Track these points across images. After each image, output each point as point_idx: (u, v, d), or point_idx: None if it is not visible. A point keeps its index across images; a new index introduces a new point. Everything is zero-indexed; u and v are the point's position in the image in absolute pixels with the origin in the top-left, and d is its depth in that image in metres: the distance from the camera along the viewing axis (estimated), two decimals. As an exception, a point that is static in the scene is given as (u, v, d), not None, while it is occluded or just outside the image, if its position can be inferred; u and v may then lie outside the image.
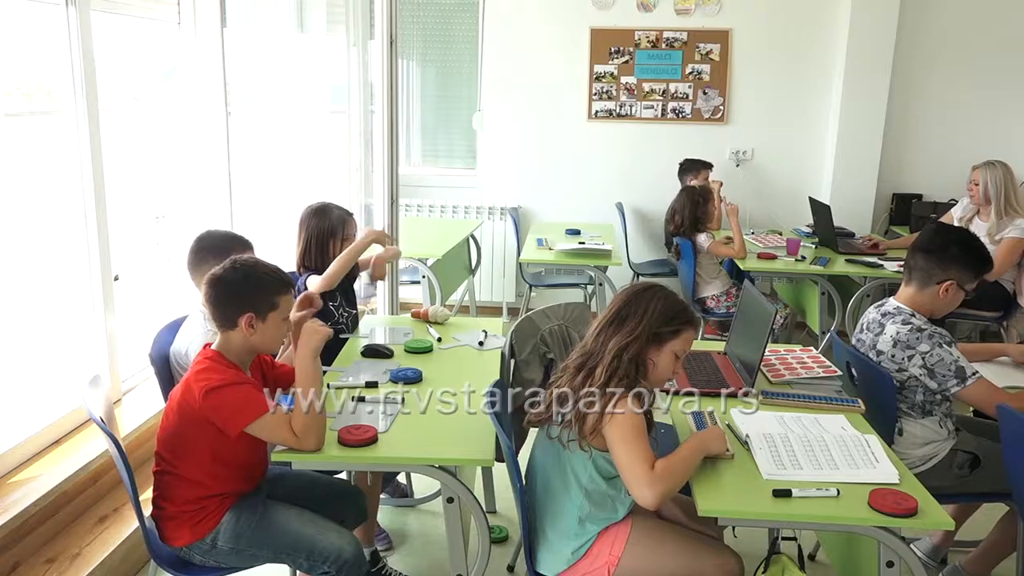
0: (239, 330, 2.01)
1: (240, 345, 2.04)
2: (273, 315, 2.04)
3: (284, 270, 2.13)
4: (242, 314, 2.00)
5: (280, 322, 2.06)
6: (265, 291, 2.03)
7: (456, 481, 2.02)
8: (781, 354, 2.78)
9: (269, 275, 2.07)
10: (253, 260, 2.11)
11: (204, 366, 1.99)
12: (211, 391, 1.94)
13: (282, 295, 2.06)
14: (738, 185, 5.45)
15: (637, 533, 1.98)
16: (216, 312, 2.04)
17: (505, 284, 5.75)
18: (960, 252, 2.48)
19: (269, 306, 2.03)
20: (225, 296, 2.03)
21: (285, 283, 2.08)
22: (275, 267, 2.10)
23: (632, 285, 2.07)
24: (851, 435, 2.10)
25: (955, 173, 5.01)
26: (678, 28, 5.38)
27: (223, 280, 2.03)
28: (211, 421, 1.96)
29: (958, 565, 2.63)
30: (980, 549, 2.63)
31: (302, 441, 1.96)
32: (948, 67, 5.28)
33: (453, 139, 6.01)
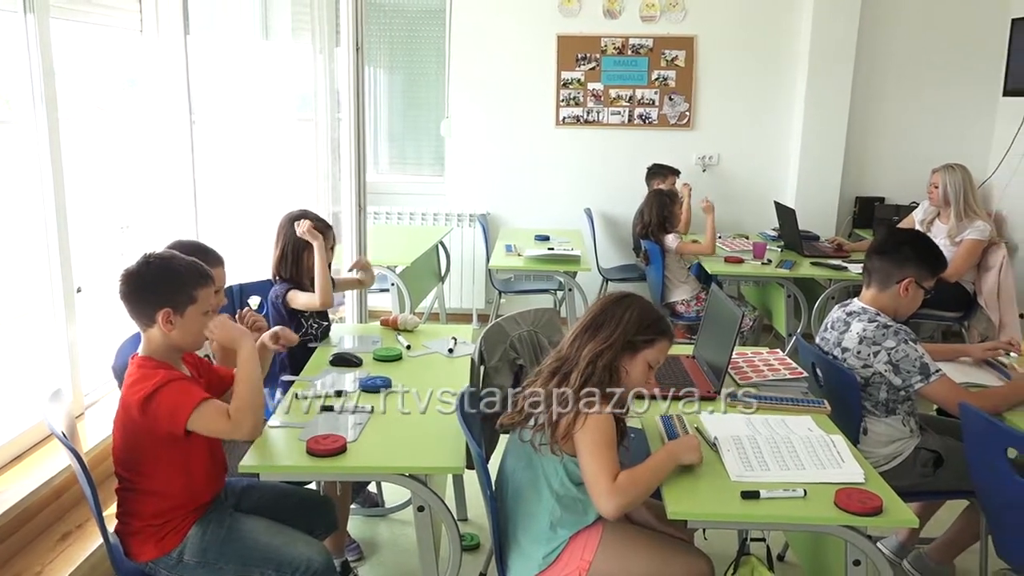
0: (157, 327, 1.96)
1: (162, 344, 1.98)
2: (192, 309, 1.98)
3: (202, 262, 2.06)
4: (158, 310, 1.94)
5: (200, 316, 2.00)
6: (181, 285, 1.97)
7: (426, 489, 2.01)
8: (748, 356, 2.80)
9: (185, 268, 2.00)
10: (169, 253, 2.05)
11: (135, 377, 1.95)
12: (146, 399, 1.89)
13: (201, 288, 2.00)
14: (705, 190, 5.49)
15: (608, 537, 1.98)
16: (132, 310, 1.97)
17: (475, 291, 5.75)
18: (913, 251, 2.55)
19: (187, 300, 1.97)
20: (140, 292, 1.96)
21: (203, 275, 2.02)
22: (192, 260, 2.04)
23: (609, 293, 2.11)
24: (817, 435, 2.12)
25: (916, 176, 5.11)
26: (644, 35, 5.42)
27: (137, 276, 1.97)
28: (157, 430, 1.91)
29: (922, 552, 2.67)
30: (943, 538, 2.68)
31: (236, 424, 1.91)
32: (907, 74, 5.38)
33: (421, 146, 6.00)
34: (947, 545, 2.65)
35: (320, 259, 2.85)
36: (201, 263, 2.06)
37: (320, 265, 2.85)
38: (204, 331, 2.04)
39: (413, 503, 2.05)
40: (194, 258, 2.06)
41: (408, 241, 4.86)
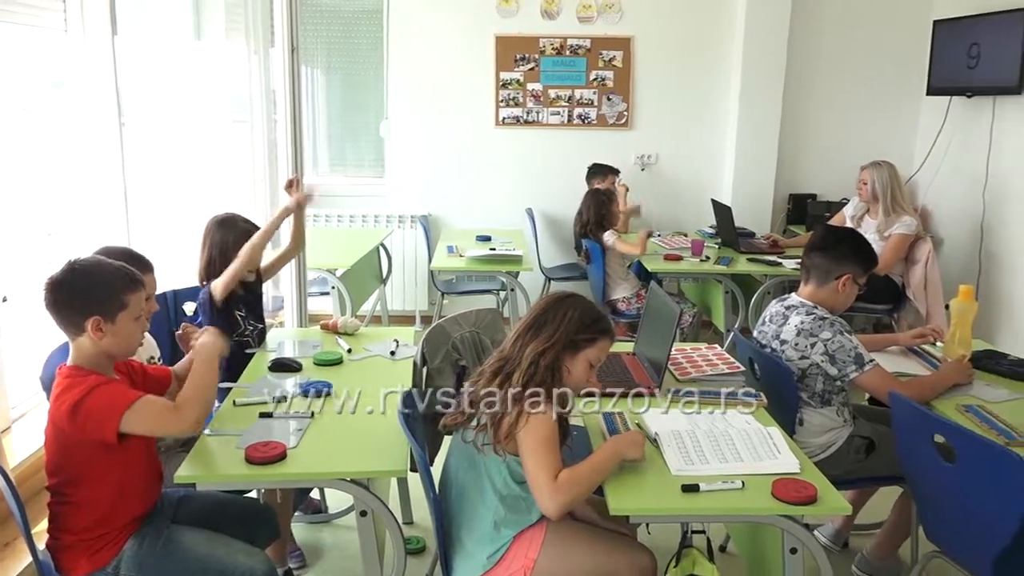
0: (87, 336, 1.90)
1: (92, 352, 1.92)
2: (123, 315, 1.92)
3: (131, 267, 2.01)
4: (88, 318, 1.89)
5: (132, 322, 1.95)
6: (110, 290, 1.92)
7: (368, 494, 1.99)
8: (688, 352, 2.85)
9: (114, 273, 1.95)
10: (94, 259, 2.00)
11: (61, 387, 1.88)
12: (74, 408, 1.83)
13: (131, 293, 1.94)
14: (644, 189, 5.58)
15: (552, 535, 1.99)
16: (59, 319, 1.91)
17: (417, 292, 5.72)
18: (850, 248, 2.64)
19: (118, 306, 1.92)
20: (66, 301, 1.90)
21: (132, 280, 1.97)
22: (120, 264, 1.98)
23: (551, 293, 2.12)
24: (755, 428, 2.17)
25: (846, 173, 5.25)
26: (581, 35, 5.46)
27: (62, 284, 1.90)
28: (87, 438, 1.85)
29: (864, 554, 2.75)
30: (881, 534, 2.75)
31: (181, 413, 1.88)
32: (836, 74, 5.53)
33: (361, 148, 5.95)
34: (886, 540, 2.73)
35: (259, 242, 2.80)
36: (129, 267, 2.00)
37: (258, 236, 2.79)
38: (137, 337, 1.99)
39: (356, 508, 2.03)
40: (122, 263, 2.01)
41: (348, 244, 4.81)
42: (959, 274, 4.90)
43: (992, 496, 1.93)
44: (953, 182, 5.14)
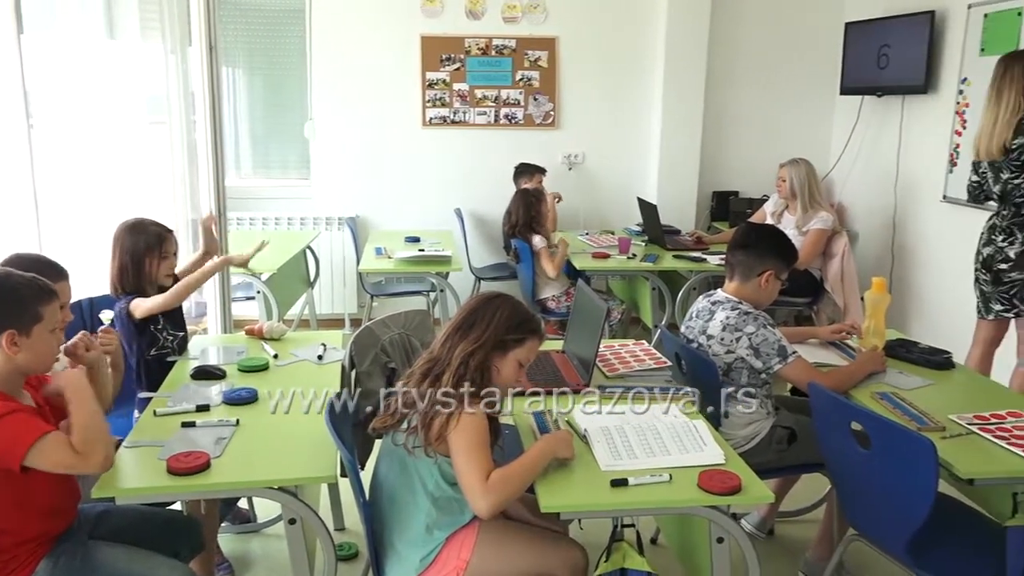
0: (1, 351, 1.82)
1: (4, 368, 1.84)
2: (38, 328, 1.85)
3: (43, 278, 1.93)
4: (0, 332, 1.81)
5: (48, 335, 1.87)
6: (23, 303, 1.84)
7: (297, 501, 1.96)
8: (616, 349, 2.89)
9: (26, 285, 1.87)
10: (4, 270, 1.91)
11: None
12: None
13: (45, 304, 1.87)
14: (571, 188, 5.63)
15: (484, 535, 1.99)
16: None
17: (346, 295, 5.65)
18: (771, 244, 2.71)
19: (32, 319, 1.84)
20: None
21: (45, 291, 1.89)
22: (31, 275, 1.90)
23: (480, 293, 2.13)
24: (681, 421, 2.21)
25: (766, 171, 5.40)
26: (506, 36, 5.48)
27: None
28: None
29: (807, 557, 2.82)
30: (818, 536, 2.82)
31: (86, 458, 1.78)
32: (755, 74, 5.68)
33: (286, 149, 5.84)
34: (823, 539, 2.80)
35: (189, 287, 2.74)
36: (41, 278, 1.92)
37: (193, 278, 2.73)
38: (54, 350, 1.91)
39: (284, 516, 2.00)
40: (33, 273, 1.92)
41: (274, 247, 4.67)
42: (873, 267, 5.10)
43: (905, 480, 2.01)
44: (866, 178, 5.34)
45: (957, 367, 2.77)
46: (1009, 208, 3.43)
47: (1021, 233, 3.39)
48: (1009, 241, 3.42)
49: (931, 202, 4.67)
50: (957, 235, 4.35)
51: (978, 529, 2.29)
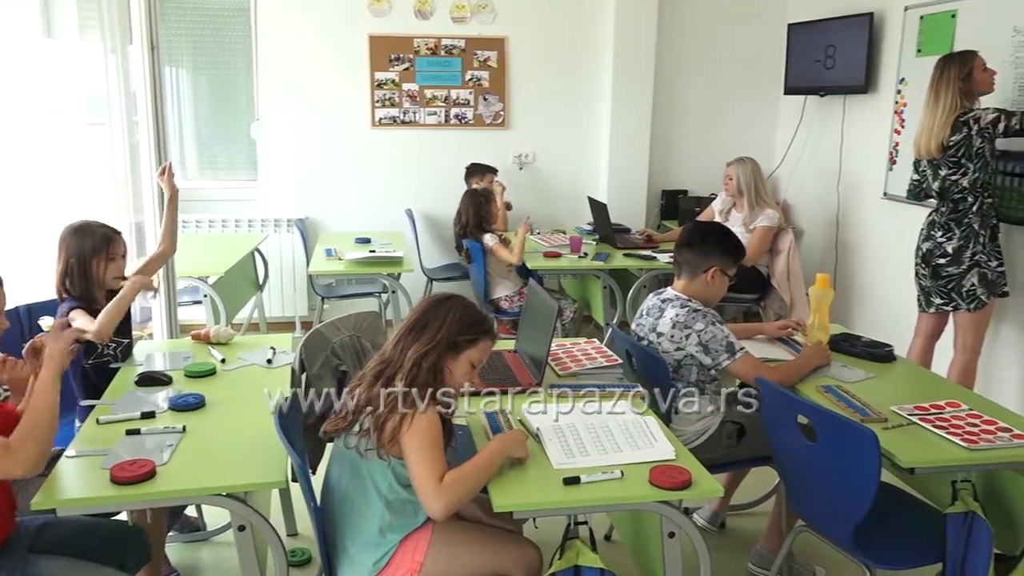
0: None
1: None
2: None
3: None
4: None
5: None
6: None
7: (246, 508, 1.93)
8: (567, 347, 2.90)
9: None
10: None
11: None
12: None
13: None
14: (522, 187, 5.64)
15: (438, 536, 1.99)
16: None
17: (296, 298, 5.58)
18: (716, 242, 2.75)
19: None
20: None
21: None
22: None
23: (432, 295, 2.13)
24: (632, 419, 2.23)
25: (713, 169, 5.47)
26: (455, 36, 5.47)
27: None
28: None
29: (757, 548, 2.87)
30: (767, 527, 2.88)
31: (13, 454, 1.72)
32: (702, 75, 5.76)
33: (233, 150, 5.74)
34: (773, 531, 2.85)
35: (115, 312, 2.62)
36: None
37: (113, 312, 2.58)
38: None
39: (233, 523, 1.96)
40: None
41: (221, 250, 4.64)
42: (818, 263, 5.21)
43: (850, 470, 2.05)
44: (811, 176, 5.45)
45: (899, 359, 2.85)
46: (947, 204, 3.54)
47: (959, 229, 3.49)
48: (947, 237, 3.52)
49: (872, 199, 4.79)
50: (897, 231, 4.47)
51: (919, 516, 2.35)
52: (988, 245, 3.48)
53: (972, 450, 2.09)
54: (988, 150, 3.43)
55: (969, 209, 3.47)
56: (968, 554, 2.12)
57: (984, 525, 2.11)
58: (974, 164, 3.43)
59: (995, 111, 3.39)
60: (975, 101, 3.50)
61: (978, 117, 3.40)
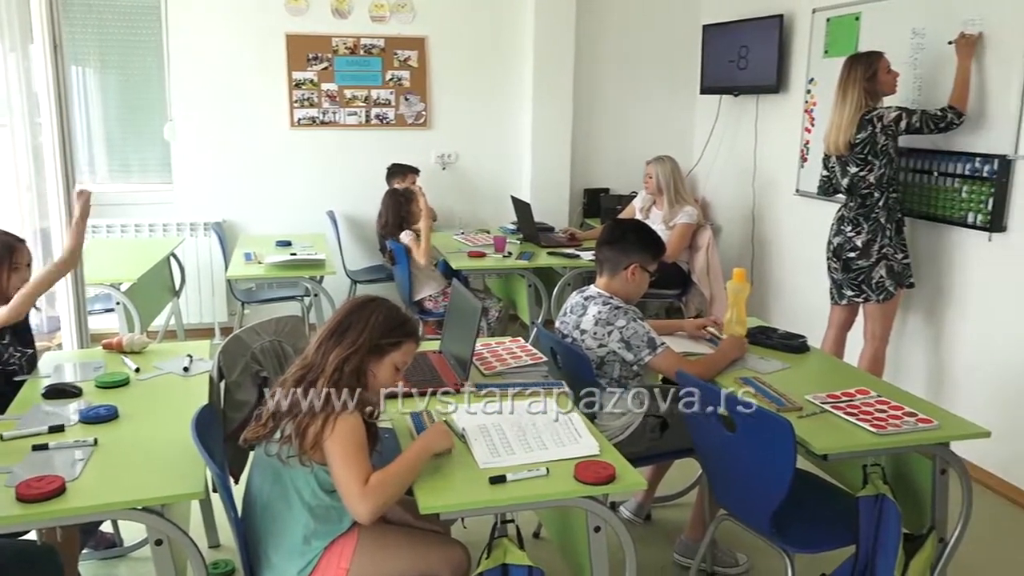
0: None
1: None
2: None
3: None
4: None
5: None
6: None
7: (163, 521, 1.86)
8: (492, 347, 2.90)
9: None
10: None
11: None
12: None
13: None
14: (445, 188, 5.63)
15: (364, 541, 1.97)
16: None
17: (215, 303, 5.43)
18: (635, 239, 2.80)
19: None
20: None
21: None
22: None
23: (355, 298, 2.10)
24: (557, 416, 2.25)
25: (634, 168, 5.57)
26: (375, 35, 5.42)
27: None
28: None
29: (682, 538, 2.93)
30: (691, 518, 2.95)
31: None
32: (621, 74, 5.85)
33: (145, 152, 5.55)
34: (696, 521, 2.91)
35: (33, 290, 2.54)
36: None
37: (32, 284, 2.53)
38: None
39: (149, 538, 1.90)
40: None
41: (134, 255, 4.48)
42: (736, 258, 5.35)
43: (767, 459, 2.12)
44: (727, 174, 5.60)
45: (812, 350, 2.95)
46: (855, 199, 3.68)
47: (867, 223, 3.64)
48: (856, 231, 3.66)
49: (785, 196, 4.94)
50: (809, 226, 4.63)
51: (833, 501, 2.44)
52: (894, 238, 3.64)
53: (881, 435, 2.18)
54: (892, 147, 3.58)
55: (876, 204, 3.62)
56: (879, 535, 2.21)
57: (893, 506, 2.20)
58: (879, 161, 3.57)
59: (897, 109, 3.55)
60: (879, 100, 3.65)
61: (881, 115, 3.54)
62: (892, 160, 3.59)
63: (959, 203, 3.60)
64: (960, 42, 3.52)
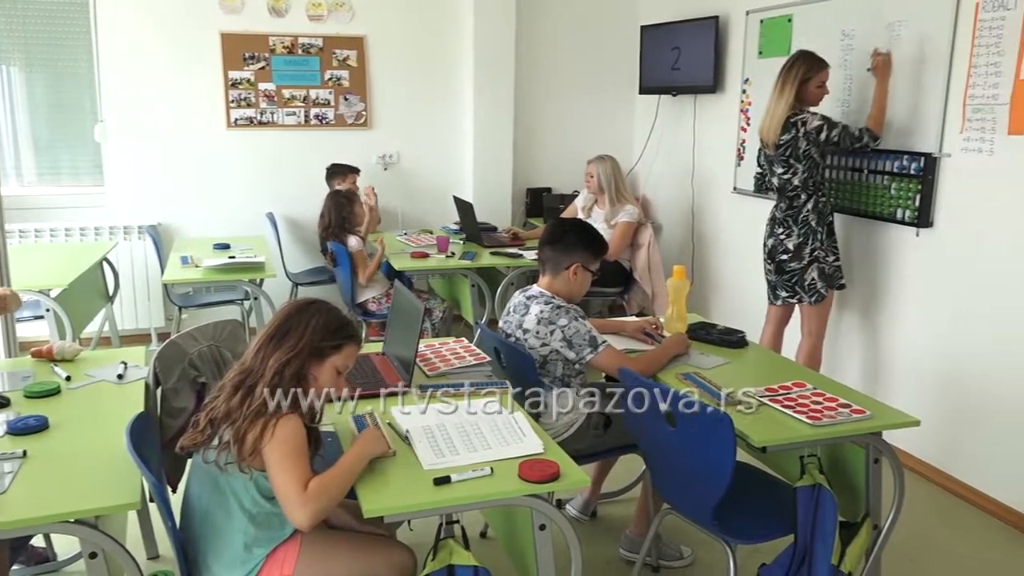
0: None
1: None
2: None
3: None
4: None
5: None
6: None
7: (97, 533, 1.81)
8: (436, 347, 2.89)
9: None
10: None
11: None
12: None
13: None
14: (387, 188, 5.58)
15: (307, 547, 1.94)
16: None
17: (152, 309, 5.30)
18: (577, 239, 2.81)
19: None
20: None
21: None
22: None
23: (294, 301, 2.07)
24: (500, 415, 2.25)
25: (575, 167, 5.61)
26: (313, 34, 5.35)
27: None
28: None
29: (627, 533, 2.95)
30: (636, 513, 2.98)
31: None
32: (562, 75, 5.88)
33: (76, 154, 5.38)
34: (641, 516, 2.94)
35: None
36: None
37: None
38: None
39: (83, 551, 1.84)
40: None
41: (65, 260, 4.34)
42: (677, 255, 5.43)
43: (708, 453, 2.15)
44: (667, 172, 5.67)
45: (751, 345, 3.01)
46: (784, 200, 3.75)
47: (796, 227, 3.70)
48: (787, 234, 3.73)
49: (723, 193, 5.04)
50: (746, 223, 4.73)
51: (773, 492, 2.50)
52: (826, 241, 3.70)
53: (817, 426, 2.24)
54: (815, 152, 3.61)
55: (803, 206, 3.67)
56: (816, 523, 2.26)
57: (829, 496, 2.26)
58: (802, 165, 3.62)
59: (821, 119, 3.59)
60: (805, 106, 3.67)
61: (805, 120, 3.59)
62: (817, 165, 3.63)
63: (888, 200, 3.72)
64: (877, 65, 3.61)
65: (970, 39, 3.32)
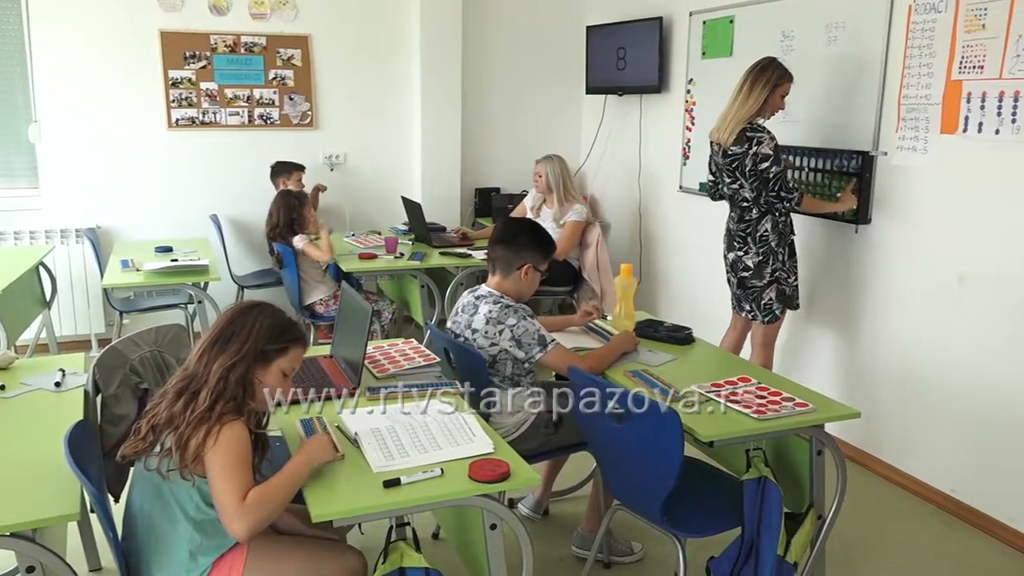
0: None
1: None
2: None
3: None
4: None
5: None
6: None
7: (34, 546, 1.76)
8: (385, 349, 2.87)
9: None
10: None
11: None
12: None
13: None
14: (334, 188, 5.53)
15: (255, 553, 1.91)
16: None
17: (91, 314, 5.15)
18: (528, 239, 2.82)
19: None
20: None
21: None
22: None
23: (237, 304, 2.04)
24: (450, 416, 2.25)
25: (524, 167, 5.62)
26: (256, 33, 5.26)
27: None
28: None
29: (579, 530, 2.97)
30: (587, 510, 2.99)
31: None
32: (509, 75, 5.89)
33: (9, 155, 5.20)
34: (592, 513, 2.96)
35: None
36: None
37: None
38: None
39: (20, 565, 1.79)
40: None
41: (-3, 265, 4.20)
42: (625, 254, 5.48)
43: (657, 449, 2.17)
44: (614, 171, 5.72)
45: (697, 341, 3.05)
46: (736, 210, 3.63)
47: (755, 245, 3.58)
48: (745, 251, 3.61)
49: (670, 192, 5.10)
50: (692, 221, 4.79)
51: (720, 486, 2.54)
52: (787, 262, 3.62)
53: (761, 420, 2.28)
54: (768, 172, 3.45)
55: (758, 222, 3.56)
56: (762, 515, 2.31)
57: (775, 488, 2.31)
58: (749, 183, 3.51)
59: (772, 148, 3.43)
60: (765, 113, 3.53)
61: (761, 141, 3.43)
62: (767, 183, 3.47)
63: (828, 197, 3.80)
64: (844, 196, 3.60)
65: (903, 41, 3.41)
